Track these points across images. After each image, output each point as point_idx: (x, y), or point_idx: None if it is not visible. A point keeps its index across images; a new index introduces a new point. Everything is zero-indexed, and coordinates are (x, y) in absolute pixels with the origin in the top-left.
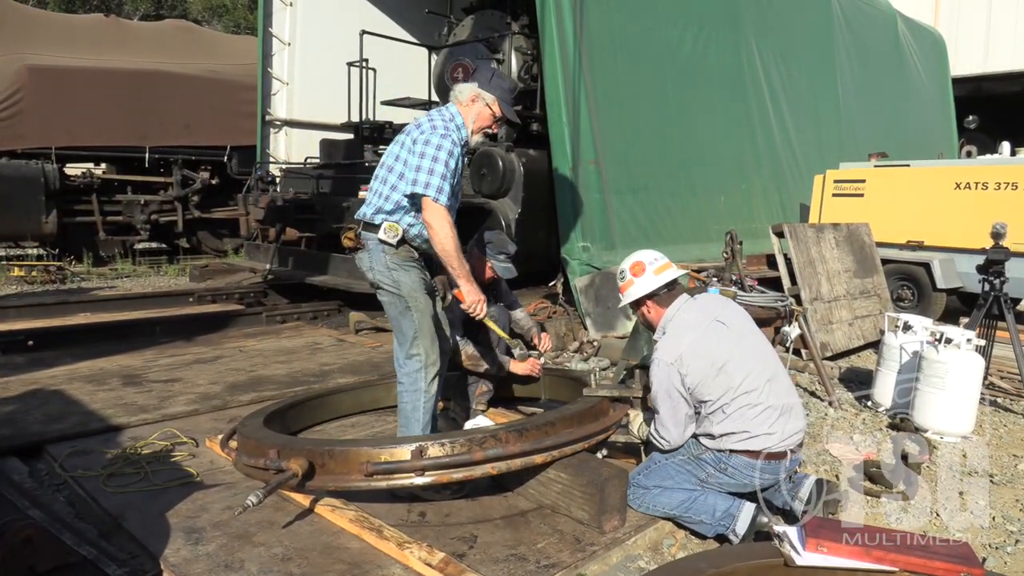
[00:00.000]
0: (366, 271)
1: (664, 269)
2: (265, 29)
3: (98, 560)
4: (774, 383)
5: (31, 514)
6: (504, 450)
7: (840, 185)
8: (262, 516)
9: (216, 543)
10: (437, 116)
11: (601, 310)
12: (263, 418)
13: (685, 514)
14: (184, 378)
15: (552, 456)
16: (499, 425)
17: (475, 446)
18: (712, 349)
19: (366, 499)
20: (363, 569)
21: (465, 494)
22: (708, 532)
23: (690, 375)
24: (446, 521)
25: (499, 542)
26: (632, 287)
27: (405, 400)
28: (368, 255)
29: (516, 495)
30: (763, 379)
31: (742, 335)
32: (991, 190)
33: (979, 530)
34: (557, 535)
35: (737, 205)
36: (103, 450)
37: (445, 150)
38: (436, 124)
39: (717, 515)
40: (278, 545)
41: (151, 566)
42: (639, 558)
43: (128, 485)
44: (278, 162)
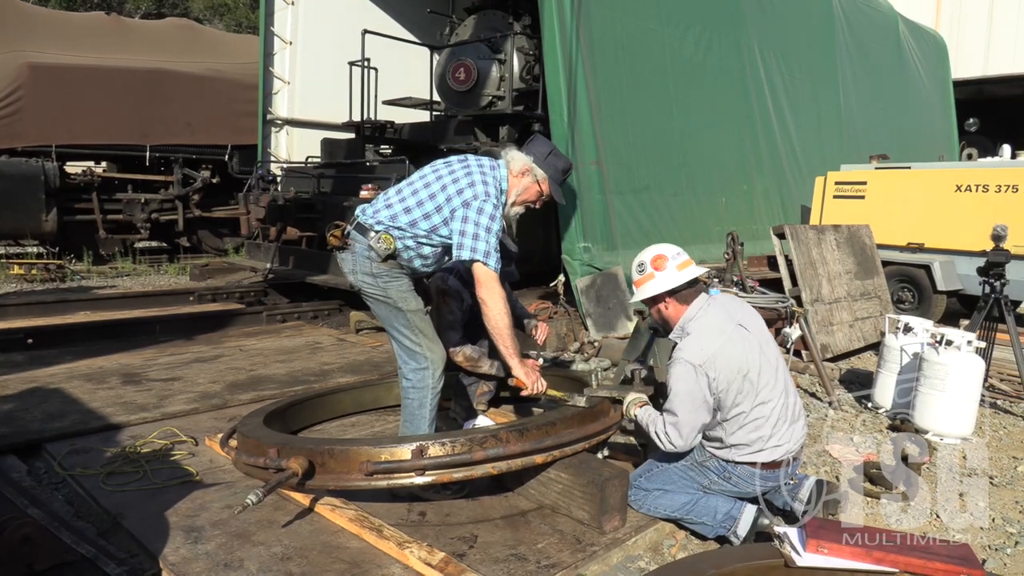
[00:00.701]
0: (347, 273)
1: (686, 265)
2: (267, 28)
3: (97, 559)
4: (787, 394)
5: (30, 512)
6: (504, 450)
7: (841, 187)
8: (262, 515)
9: (215, 542)
10: (489, 173)
11: (602, 311)
12: (263, 417)
13: (687, 516)
14: (184, 377)
15: (553, 456)
16: (499, 425)
17: (475, 446)
18: (738, 356)
19: (366, 498)
20: (363, 568)
21: (466, 494)
22: (709, 533)
23: (718, 379)
24: (446, 521)
25: (499, 542)
26: (652, 281)
27: (411, 397)
28: (352, 257)
29: (516, 495)
30: (779, 390)
31: (761, 342)
32: (992, 193)
33: (979, 531)
34: (557, 535)
35: (738, 206)
36: (102, 448)
37: (495, 218)
38: (487, 182)
39: (719, 517)
40: (277, 544)
41: (150, 565)
42: (639, 558)
43: (127, 484)
44: (279, 161)
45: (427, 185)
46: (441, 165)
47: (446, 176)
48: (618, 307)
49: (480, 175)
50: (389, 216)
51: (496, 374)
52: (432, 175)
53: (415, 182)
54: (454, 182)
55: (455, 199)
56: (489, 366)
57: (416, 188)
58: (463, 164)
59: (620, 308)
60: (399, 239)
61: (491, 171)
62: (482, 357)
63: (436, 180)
